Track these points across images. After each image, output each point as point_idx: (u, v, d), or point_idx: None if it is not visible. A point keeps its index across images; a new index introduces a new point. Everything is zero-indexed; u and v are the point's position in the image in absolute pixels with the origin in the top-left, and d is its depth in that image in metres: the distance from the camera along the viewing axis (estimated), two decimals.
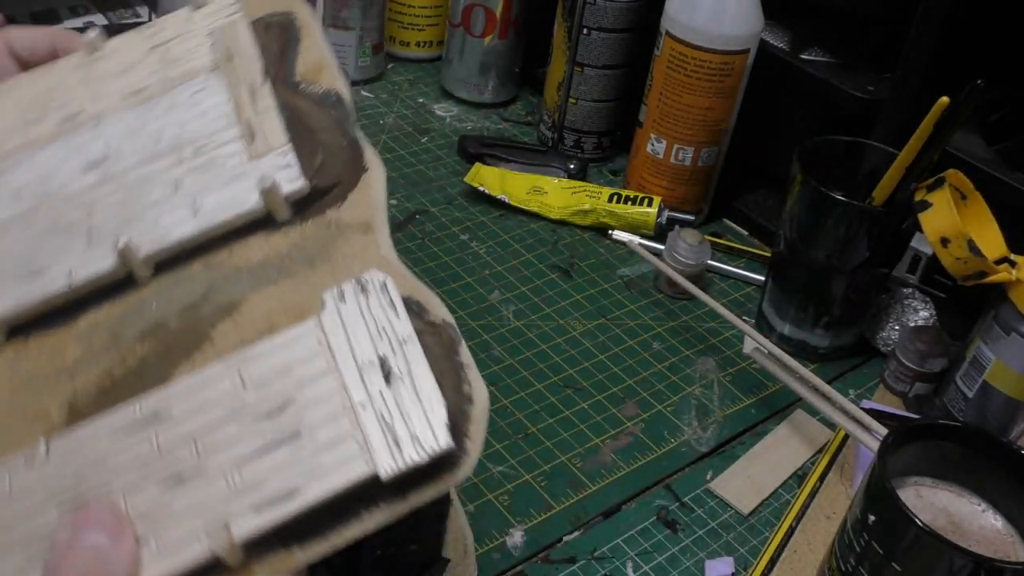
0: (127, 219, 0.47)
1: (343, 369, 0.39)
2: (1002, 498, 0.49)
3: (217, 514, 0.37)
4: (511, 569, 0.54)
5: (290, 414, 0.39)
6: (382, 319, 0.41)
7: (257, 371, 0.40)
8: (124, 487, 0.39)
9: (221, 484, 0.38)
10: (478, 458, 0.36)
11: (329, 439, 0.38)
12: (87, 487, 0.39)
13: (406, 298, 0.40)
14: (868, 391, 0.69)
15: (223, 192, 0.46)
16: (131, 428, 0.40)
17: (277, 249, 0.45)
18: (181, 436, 0.39)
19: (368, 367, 0.39)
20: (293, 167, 0.45)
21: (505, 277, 0.74)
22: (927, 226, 0.60)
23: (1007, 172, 0.67)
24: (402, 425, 0.37)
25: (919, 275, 0.74)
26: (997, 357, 0.60)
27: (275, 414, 0.39)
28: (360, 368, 0.39)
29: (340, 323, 0.40)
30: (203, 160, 0.48)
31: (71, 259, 0.46)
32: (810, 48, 0.82)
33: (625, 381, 0.67)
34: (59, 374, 0.44)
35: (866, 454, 0.60)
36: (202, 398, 0.40)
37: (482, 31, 0.92)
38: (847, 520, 0.48)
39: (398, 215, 0.79)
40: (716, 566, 0.55)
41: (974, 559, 0.43)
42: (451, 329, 0.39)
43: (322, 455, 0.37)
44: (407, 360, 0.39)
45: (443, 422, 0.37)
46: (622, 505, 0.58)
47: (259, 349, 0.41)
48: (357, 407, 0.38)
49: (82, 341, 0.45)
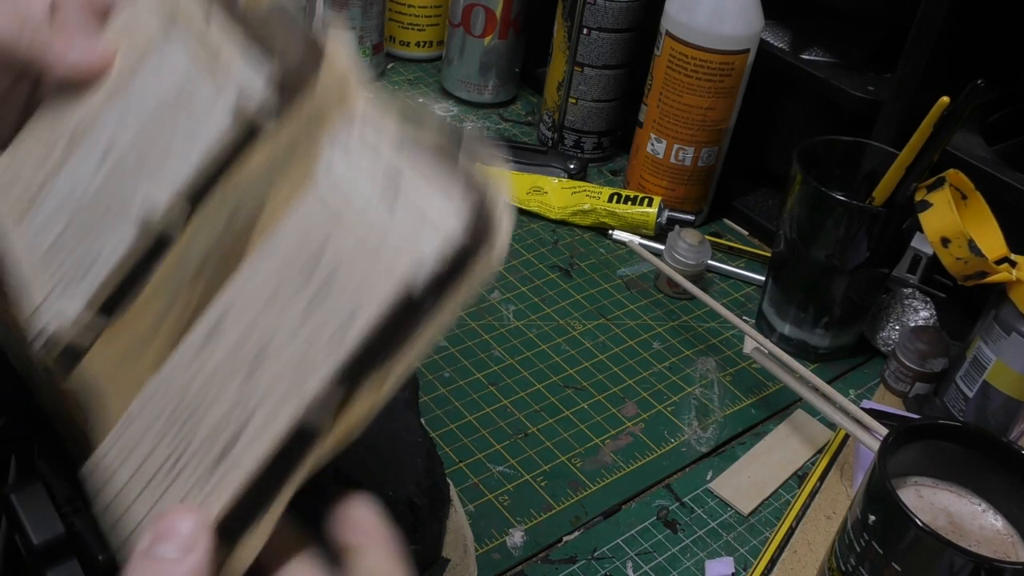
0: (140, 190, 0.49)
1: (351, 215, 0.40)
2: (1002, 498, 0.49)
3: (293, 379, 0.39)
4: (511, 569, 0.54)
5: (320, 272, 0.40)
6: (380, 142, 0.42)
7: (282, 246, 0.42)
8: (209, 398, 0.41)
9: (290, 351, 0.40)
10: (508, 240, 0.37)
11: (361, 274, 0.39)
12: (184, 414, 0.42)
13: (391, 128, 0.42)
14: (868, 391, 0.69)
15: (206, 129, 0.48)
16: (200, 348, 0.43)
17: (272, 156, 0.46)
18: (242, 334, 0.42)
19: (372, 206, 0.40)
20: (256, 80, 0.46)
21: (505, 277, 0.74)
22: (927, 226, 0.60)
23: (1007, 172, 0.67)
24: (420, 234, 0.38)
25: (919, 275, 0.74)
26: (998, 357, 0.60)
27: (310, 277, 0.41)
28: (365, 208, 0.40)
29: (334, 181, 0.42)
30: (183, 113, 0.49)
31: (113, 241, 0.49)
32: (810, 48, 0.81)
33: (625, 381, 0.67)
34: (146, 338, 0.47)
35: (866, 454, 0.60)
36: (247, 295, 0.43)
37: (482, 31, 0.92)
38: (847, 520, 0.48)
39: None
40: (716, 566, 0.55)
41: (974, 559, 0.43)
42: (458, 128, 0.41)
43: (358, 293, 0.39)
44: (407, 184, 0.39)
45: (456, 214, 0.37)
46: (622, 505, 0.58)
47: (279, 233, 0.43)
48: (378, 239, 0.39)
49: (155, 300, 0.48)
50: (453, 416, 0.62)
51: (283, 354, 0.40)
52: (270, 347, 0.40)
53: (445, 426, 0.61)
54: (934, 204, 0.60)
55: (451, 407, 0.63)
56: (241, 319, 0.42)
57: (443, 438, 0.60)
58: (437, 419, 0.61)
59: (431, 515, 0.49)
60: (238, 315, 0.42)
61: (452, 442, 0.60)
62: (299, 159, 0.46)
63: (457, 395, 0.63)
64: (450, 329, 0.71)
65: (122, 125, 0.52)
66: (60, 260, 0.51)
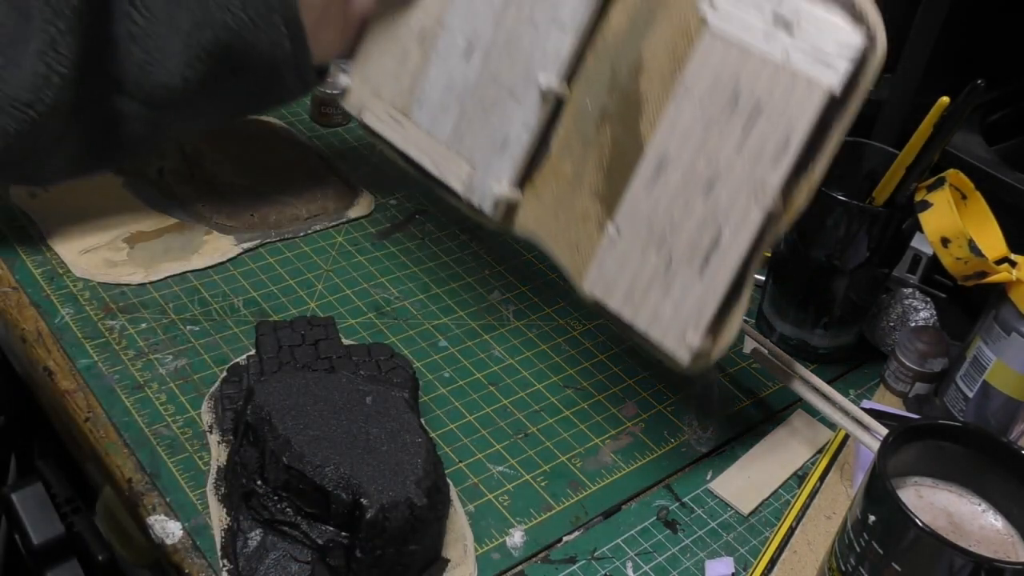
0: (526, 66, 0.60)
1: (754, 48, 0.50)
2: (1002, 498, 0.49)
3: (751, 187, 0.50)
4: (511, 569, 0.54)
5: (744, 99, 0.51)
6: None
7: (698, 90, 0.52)
8: (678, 216, 0.53)
9: (738, 170, 0.51)
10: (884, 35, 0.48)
11: (781, 95, 0.49)
12: (659, 231, 0.54)
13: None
14: (868, 391, 0.69)
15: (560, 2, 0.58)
16: (653, 180, 0.54)
17: (631, 7, 0.56)
18: (688, 164, 0.53)
19: (769, 33, 0.50)
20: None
21: (505, 277, 0.74)
22: (927, 226, 0.60)
23: (1007, 172, 0.67)
24: (822, 51, 0.48)
25: (919, 275, 0.74)
26: (998, 357, 0.60)
27: (735, 105, 0.51)
28: (766, 38, 0.50)
29: (726, 19, 0.51)
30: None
31: (518, 118, 0.60)
32: None
33: (625, 381, 0.67)
34: (572, 184, 0.59)
35: (866, 454, 0.60)
36: (680, 131, 0.53)
37: None
38: (847, 520, 0.48)
39: (398, 215, 0.79)
40: (716, 566, 0.55)
41: (974, 559, 0.43)
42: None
43: (787, 107, 0.49)
44: (792, 9, 0.49)
45: (848, 29, 0.48)
46: (622, 505, 0.58)
47: (688, 77, 0.53)
48: (784, 63, 0.49)
49: (566, 157, 0.60)
50: (453, 416, 0.62)
51: (734, 171, 0.51)
52: (720, 167, 0.51)
53: (445, 426, 0.61)
54: (934, 204, 0.60)
55: (451, 407, 0.63)
56: (683, 151, 0.52)
57: (443, 438, 0.60)
58: (437, 419, 0.61)
59: (431, 515, 0.49)
60: (678, 149, 0.53)
61: (452, 442, 0.60)
62: (668, 15, 0.54)
63: (457, 395, 0.63)
64: (450, 329, 0.71)
65: (471, 18, 0.61)
66: (469, 141, 0.62)
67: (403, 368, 0.60)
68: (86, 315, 0.64)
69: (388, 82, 0.65)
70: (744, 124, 0.50)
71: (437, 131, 0.63)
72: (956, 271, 0.60)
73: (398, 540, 0.47)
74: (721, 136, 0.51)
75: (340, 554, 0.47)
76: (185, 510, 0.53)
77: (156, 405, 0.59)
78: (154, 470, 0.55)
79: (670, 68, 0.54)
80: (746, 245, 0.51)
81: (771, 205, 0.50)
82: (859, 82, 0.48)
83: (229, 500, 0.51)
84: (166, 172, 0.77)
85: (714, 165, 0.51)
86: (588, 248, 0.58)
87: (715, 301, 0.52)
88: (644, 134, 0.55)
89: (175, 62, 0.60)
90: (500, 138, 0.60)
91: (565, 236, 0.59)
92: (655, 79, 0.55)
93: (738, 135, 0.50)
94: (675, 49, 0.54)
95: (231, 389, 0.58)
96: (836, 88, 0.48)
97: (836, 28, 0.48)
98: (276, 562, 0.48)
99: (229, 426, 0.56)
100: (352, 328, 0.67)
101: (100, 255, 0.68)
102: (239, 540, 0.49)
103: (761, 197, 0.50)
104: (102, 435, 0.56)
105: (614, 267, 0.56)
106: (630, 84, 0.56)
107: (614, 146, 0.57)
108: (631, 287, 0.55)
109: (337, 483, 0.47)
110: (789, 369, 0.63)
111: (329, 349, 0.60)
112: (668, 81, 0.54)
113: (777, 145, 0.49)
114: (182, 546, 0.51)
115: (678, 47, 0.53)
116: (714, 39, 0.51)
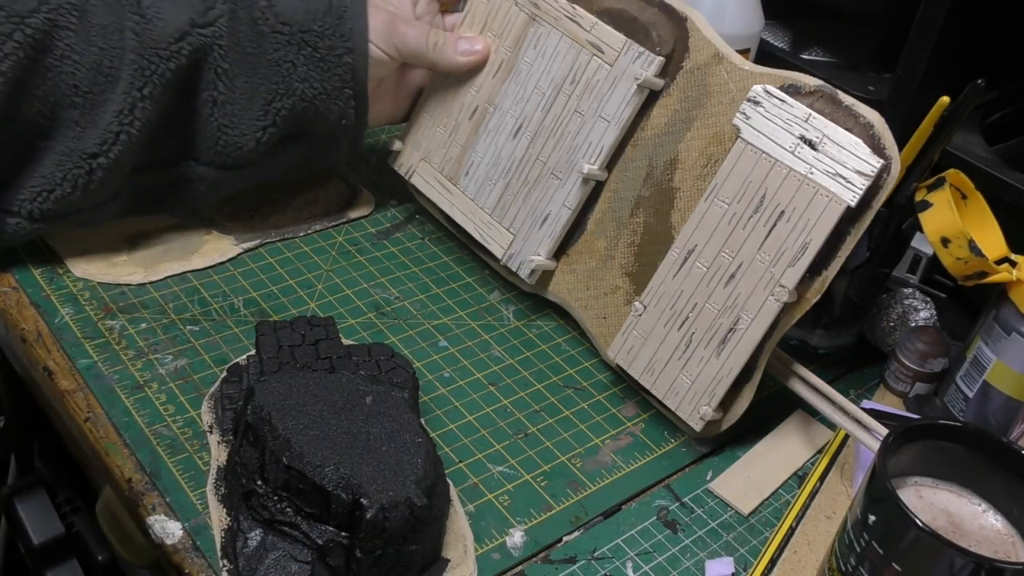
0: (569, 151, 0.67)
1: (781, 159, 0.57)
2: (1002, 498, 0.49)
3: (770, 281, 0.57)
4: (511, 569, 0.54)
5: (768, 204, 0.57)
6: (781, 113, 0.57)
7: (727, 191, 0.59)
8: (701, 301, 0.59)
9: (759, 265, 0.57)
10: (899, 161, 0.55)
11: (804, 205, 0.56)
12: (683, 312, 0.60)
13: (781, 87, 0.58)
14: (868, 391, 0.69)
15: (612, 97, 0.65)
16: (680, 266, 0.60)
17: (671, 109, 0.64)
18: (713, 255, 0.59)
19: (796, 148, 0.56)
20: (644, 52, 0.63)
21: (505, 277, 0.74)
22: (928, 226, 0.60)
23: (1007, 172, 0.67)
24: (843, 168, 0.55)
25: (919, 275, 0.74)
26: (998, 357, 0.60)
27: (759, 209, 0.57)
28: (792, 153, 0.56)
29: (757, 133, 0.58)
30: (581, 85, 0.66)
31: (559, 197, 0.67)
32: (810, 48, 0.82)
33: (625, 381, 0.67)
34: (603, 260, 0.67)
35: (866, 454, 0.60)
36: (708, 225, 0.59)
37: None
38: (847, 520, 0.48)
39: (398, 215, 0.79)
40: (716, 566, 0.55)
41: (974, 559, 0.43)
42: (823, 88, 0.58)
43: (808, 215, 0.56)
44: (816, 128, 0.56)
45: (867, 151, 0.54)
46: (622, 505, 0.58)
47: (719, 177, 0.59)
48: (807, 175, 0.56)
49: (600, 235, 0.67)
50: (453, 416, 0.62)
51: (755, 265, 0.57)
52: (742, 261, 0.58)
53: (445, 426, 0.61)
54: (934, 204, 0.60)
55: (451, 407, 0.63)
56: (710, 243, 0.59)
57: (443, 438, 0.60)
58: (437, 419, 0.61)
59: (431, 515, 0.49)
60: (705, 240, 0.59)
61: (452, 442, 0.60)
62: (705, 121, 0.62)
63: (457, 395, 0.63)
64: (450, 329, 0.71)
65: (522, 103, 0.69)
66: (512, 212, 0.69)
67: (403, 368, 0.60)
68: (86, 315, 0.64)
69: (438, 150, 0.73)
70: (767, 225, 0.57)
71: (481, 200, 0.70)
72: (956, 271, 0.60)
73: (398, 540, 0.47)
74: (745, 233, 0.58)
75: (340, 554, 0.47)
76: (185, 510, 0.53)
77: (156, 405, 0.59)
78: (154, 470, 0.55)
79: (703, 167, 0.62)
80: (761, 332, 0.57)
81: (787, 298, 0.56)
82: (874, 197, 0.55)
83: (229, 500, 0.51)
84: None
85: (737, 258, 0.58)
86: (615, 319, 0.65)
87: (728, 379, 0.59)
88: (675, 223, 0.63)
89: (252, 127, 0.65)
90: (542, 213, 0.67)
91: (594, 306, 0.67)
92: (688, 175, 0.62)
93: (761, 234, 0.57)
94: (709, 152, 0.62)
95: (231, 389, 0.58)
96: (853, 202, 0.54)
97: (857, 148, 0.55)
98: (276, 562, 0.48)
99: (229, 426, 0.56)
100: (352, 328, 0.67)
101: (100, 255, 0.68)
102: (239, 540, 0.49)
103: (778, 291, 0.56)
104: (102, 435, 0.56)
105: (638, 340, 0.62)
106: (665, 177, 0.64)
107: (646, 230, 0.64)
108: (653, 359, 0.61)
109: (337, 483, 0.47)
110: (789, 369, 0.63)
111: (329, 349, 0.60)
112: (700, 179, 0.62)
113: (796, 248, 0.56)
114: (182, 546, 0.51)
115: (712, 150, 0.61)
116: (746, 147, 0.58)
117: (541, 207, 0.68)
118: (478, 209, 0.70)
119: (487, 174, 0.70)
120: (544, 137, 0.67)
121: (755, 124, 0.58)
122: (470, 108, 0.71)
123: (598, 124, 0.65)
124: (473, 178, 0.71)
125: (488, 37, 0.70)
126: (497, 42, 0.70)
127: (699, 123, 0.62)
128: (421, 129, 0.74)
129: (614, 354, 0.63)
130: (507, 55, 0.69)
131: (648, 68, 0.63)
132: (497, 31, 0.70)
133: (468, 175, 0.71)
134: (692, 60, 0.63)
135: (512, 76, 0.69)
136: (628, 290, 0.65)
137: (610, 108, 0.65)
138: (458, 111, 0.71)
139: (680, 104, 0.64)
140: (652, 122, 0.65)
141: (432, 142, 0.73)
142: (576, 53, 0.66)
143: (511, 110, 0.69)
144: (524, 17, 0.68)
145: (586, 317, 0.68)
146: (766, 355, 0.59)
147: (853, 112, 0.56)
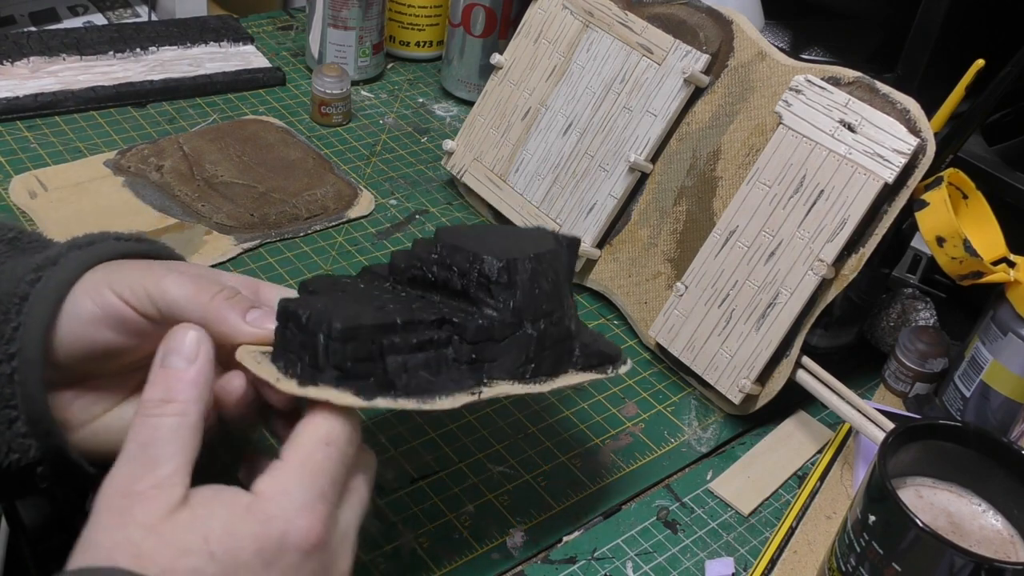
0: (616, 144, 0.70)
1: (822, 142, 0.60)
2: (1002, 498, 0.49)
3: (809, 257, 0.59)
4: (511, 569, 0.54)
5: (808, 185, 0.60)
6: (822, 100, 0.61)
7: (768, 174, 0.62)
8: (741, 279, 0.62)
9: (798, 242, 0.60)
10: (934, 140, 0.58)
11: (842, 184, 0.59)
12: (723, 291, 0.63)
13: (822, 78, 0.62)
14: (868, 391, 0.69)
15: (660, 92, 0.69)
16: (721, 248, 0.63)
17: (715, 104, 0.68)
18: (754, 235, 0.62)
19: (835, 132, 0.59)
20: (691, 50, 0.68)
21: None
22: (923, 225, 0.60)
23: (1007, 172, 0.67)
24: (881, 147, 0.58)
25: (919, 275, 0.74)
26: (995, 358, 0.60)
27: (799, 189, 0.60)
28: (832, 135, 0.59)
29: (798, 119, 0.61)
30: (630, 84, 0.70)
31: (605, 187, 0.71)
32: (810, 48, 0.82)
33: (625, 381, 0.67)
34: (646, 248, 0.70)
35: (867, 454, 0.60)
36: (749, 207, 0.62)
37: (482, 31, 0.92)
38: (847, 520, 0.48)
39: (398, 215, 0.79)
40: (716, 566, 0.55)
41: (974, 559, 0.43)
42: (861, 79, 0.61)
43: (847, 193, 0.59)
44: (855, 112, 0.59)
45: (904, 131, 0.57)
46: (622, 505, 0.58)
47: (760, 162, 0.62)
48: (846, 156, 0.59)
49: (643, 224, 0.70)
50: (453, 416, 0.62)
51: (794, 243, 0.60)
52: (783, 239, 0.60)
53: (445, 426, 0.61)
54: (930, 203, 0.60)
55: None
56: (752, 223, 0.62)
57: (443, 438, 0.60)
58: (437, 419, 0.61)
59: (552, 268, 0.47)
60: (745, 221, 0.62)
61: (452, 442, 0.60)
62: (748, 114, 0.65)
63: None
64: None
65: (573, 103, 0.73)
66: (559, 204, 0.72)
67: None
68: None
69: (490, 150, 0.77)
70: (807, 204, 0.60)
71: (530, 195, 0.74)
72: (951, 270, 0.60)
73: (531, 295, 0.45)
74: (785, 213, 0.61)
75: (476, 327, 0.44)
76: None
77: None
78: None
79: (744, 156, 0.65)
80: (800, 305, 0.60)
81: (825, 272, 0.59)
82: (910, 176, 0.58)
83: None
84: (166, 172, 0.77)
85: (777, 237, 0.61)
86: (656, 303, 0.68)
87: (768, 352, 0.61)
88: (716, 209, 0.66)
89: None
90: (588, 203, 0.71)
91: (636, 292, 0.70)
92: (730, 165, 0.66)
93: (801, 213, 0.60)
94: (751, 142, 0.65)
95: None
96: (891, 179, 0.57)
97: (894, 129, 0.58)
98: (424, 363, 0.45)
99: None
100: None
101: None
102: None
103: (817, 266, 0.59)
104: None
105: (679, 319, 0.65)
106: (708, 167, 0.67)
107: (688, 218, 0.67)
108: (693, 336, 0.64)
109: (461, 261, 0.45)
110: (795, 361, 0.63)
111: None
112: (742, 167, 0.65)
113: (835, 224, 0.59)
114: None
115: (754, 140, 0.64)
116: (787, 132, 0.61)
117: (588, 198, 0.71)
118: (527, 203, 0.74)
119: (536, 169, 0.74)
120: (593, 133, 0.71)
121: (796, 111, 0.61)
122: (523, 110, 0.75)
123: (645, 118, 0.69)
124: (523, 174, 0.75)
125: (543, 44, 0.75)
126: (551, 48, 0.74)
127: (742, 116, 0.66)
128: (475, 131, 0.78)
129: (655, 334, 0.66)
130: (560, 60, 0.73)
131: (696, 64, 0.67)
132: (552, 38, 0.74)
133: (518, 172, 0.75)
134: (736, 59, 0.67)
135: (564, 78, 0.73)
136: (669, 275, 0.68)
137: (658, 103, 0.68)
138: (511, 113, 0.76)
139: (724, 99, 0.67)
140: (696, 117, 0.68)
141: (485, 142, 0.77)
142: (627, 55, 0.70)
143: (562, 110, 0.73)
144: (578, 24, 0.73)
145: (627, 303, 0.70)
146: (804, 331, 0.61)
147: (890, 99, 0.59)
